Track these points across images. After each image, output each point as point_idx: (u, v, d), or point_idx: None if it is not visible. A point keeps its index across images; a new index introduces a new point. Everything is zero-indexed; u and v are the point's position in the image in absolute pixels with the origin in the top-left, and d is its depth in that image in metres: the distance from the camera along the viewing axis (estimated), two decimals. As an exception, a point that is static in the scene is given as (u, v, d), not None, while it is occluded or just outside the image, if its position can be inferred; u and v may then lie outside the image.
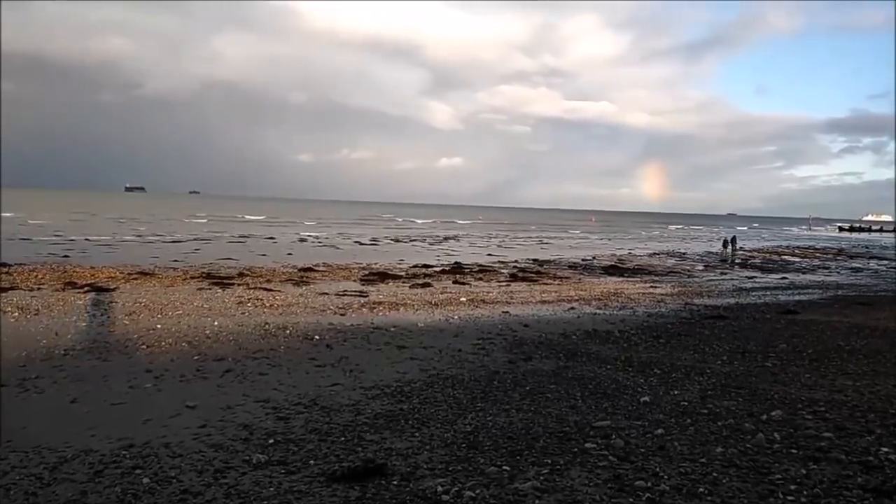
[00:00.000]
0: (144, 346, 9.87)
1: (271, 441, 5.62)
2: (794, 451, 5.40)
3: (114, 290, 16.46)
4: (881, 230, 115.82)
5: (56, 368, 8.34)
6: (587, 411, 6.65)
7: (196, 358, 9.16)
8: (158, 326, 11.62)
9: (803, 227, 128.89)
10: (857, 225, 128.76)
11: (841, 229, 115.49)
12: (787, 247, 52.40)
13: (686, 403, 6.97)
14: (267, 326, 11.81)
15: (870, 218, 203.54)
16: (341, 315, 13.55)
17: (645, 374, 8.45)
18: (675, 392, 7.50)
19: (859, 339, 11.64)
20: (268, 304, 14.77)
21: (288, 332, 11.36)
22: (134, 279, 18.84)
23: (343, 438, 5.70)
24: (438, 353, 9.84)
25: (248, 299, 15.45)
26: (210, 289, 17.31)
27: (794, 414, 6.55)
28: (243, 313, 13.45)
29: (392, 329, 11.90)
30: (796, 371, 8.84)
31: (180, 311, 13.38)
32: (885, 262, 38.72)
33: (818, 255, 42.81)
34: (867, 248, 55.69)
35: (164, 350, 9.69)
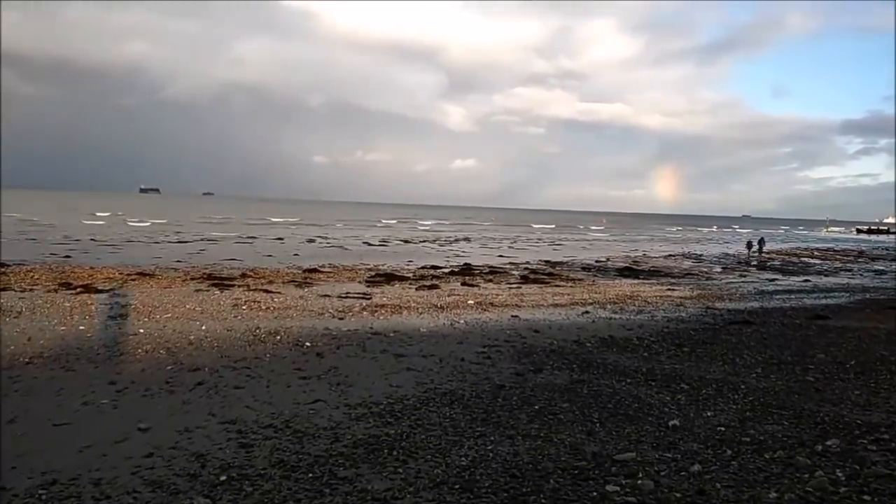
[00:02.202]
0: (118, 354, 9.00)
1: (224, 477, 4.65)
2: (866, 497, 4.35)
3: (108, 291, 15.71)
4: None
5: (11, 380, 7.47)
6: (607, 439, 5.64)
7: (170, 368, 8.27)
8: (141, 331, 10.79)
9: (840, 228, 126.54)
10: (876, 227, 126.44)
11: (859, 231, 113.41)
12: (806, 248, 51.05)
13: (723, 429, 5.94)
14: (257, 331, 10.94)
15: (891, 220, 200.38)
16: (339, 319, 12.66)
17: (671, 391, 7.43)
18: (709, 413, 6.47)
19: (903, 348, 10.57)
20: (264, 307, 13.93)
21: (278, 337, 10.47)
22: (132, 280, 18.16)
23: (311, 475, 4.71)
24: (438, 362, 8.89)
25: (245, 301, 14.63)
26: (208, 290, 16.54)
27: (854, 443, 5.50)
28: (236, 317, 12.60)
29: (391, 334, 10.98)
30: (842, 387, 7.80)
31: (169, 315, 12.56)
32: (910, 264, 37.37)
33: (838, 256, 41.50)
34: (887, 250, 54.17)
35: (137, 358, 8.81)
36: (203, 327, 11.31)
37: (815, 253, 44.84)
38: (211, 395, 6.92)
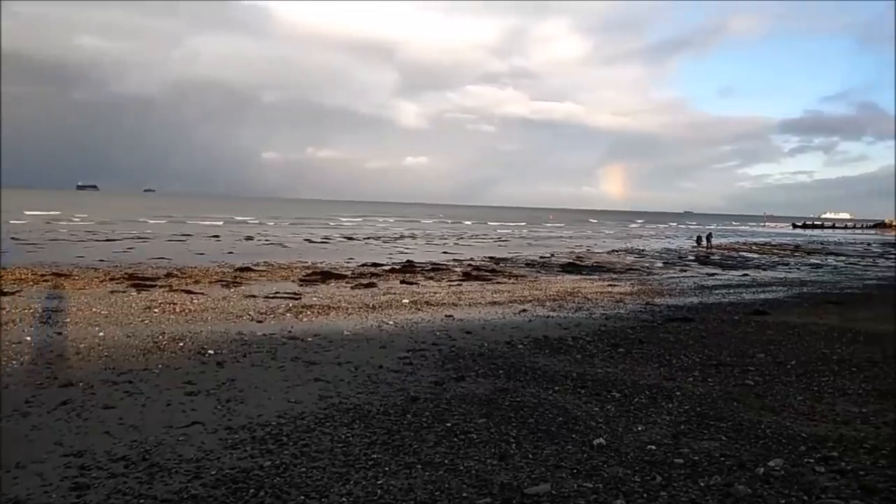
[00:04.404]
0: (-16, 368, 7.84)
1: (28, 537, 3.70)
2: (815, 537, 3.69)
3: (12, 294, 14.36)
4: (833, 227, 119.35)
5: None
6: (521, 464, 4.83)
7: (39, 383, 7.18)
8: (28, 339, 9.63)
9: (787, 224, 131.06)
10: (811, 222, 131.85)
11: (795, 226, 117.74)
12: (745, 243, 52.01)
13: (654, 447, 5.21)
14: (160, 338, 9.88)
15: (829, 216, 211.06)
16: (258, 322, 11.67)
17: (601, 400, 6.72)
18: (639, 428, 5.76)
19: (844, 345, 10.21)
20: (178, 310, 12.80)
21: (181, 345, 9.44)
22: (45, 281, 16.77)
23: (143, 529, 3.81)
24: (353, 371, 8.02)
25: (160, 303, 13.48)
26: (124, 292, 15.30)
27: (800, 463, 4.84)
28: (143, 321, 11.47)
29: (310, 339, 10.06)
30: (784, 391, 7.24)
31: (69, 320, 11.39)
32: (843, 257, 38.23)
33: (776, 251, 42.24)
34: (822, 244, 55.70)
35: (7, 372, 7.67)
36: (101, 333, 10.20)
37: (754, 247, 45.63)
38: (71, 418, 5.89)
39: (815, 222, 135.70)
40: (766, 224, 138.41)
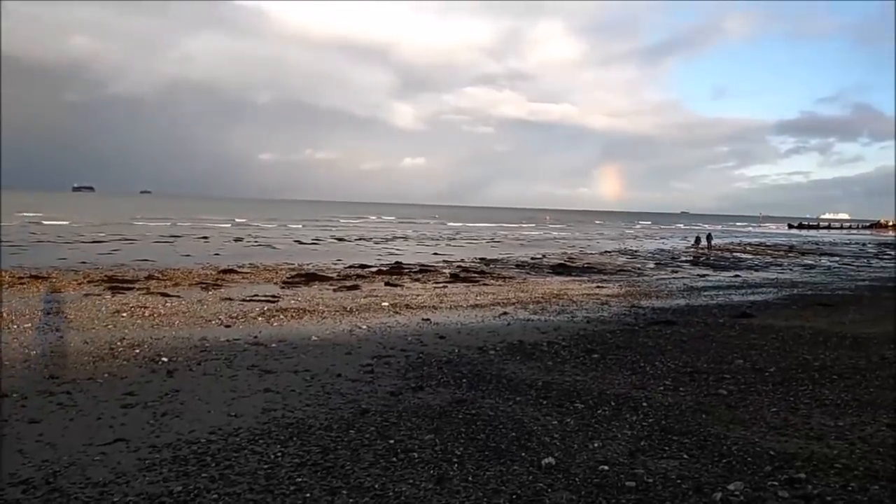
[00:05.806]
0: (-80, 378, 7.44)
1: None
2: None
3: (-18, 297, 13.96)
4: (829, 227, 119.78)
5: None
6: (458, 488, 4.41)
7: (-28, 395, 6.78)
8: (-21, 346, 9.22)
9: (776, 224, 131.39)
10: (808, 222, 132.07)
11: (791, 226, 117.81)
12: (739, 243, 51.62)
13: (607, 468, 4.78)
14: (118, 344, 9.51)
15: (827, 216, 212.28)
16: (226, 327, 11.28)
17: (561, 412, 6.29)
18: (596, 444, 5.33)
19: (828, 350, 9.81)
20: (147, 314, 12.42)
21: (137, 351, 9.05)
22: (21, 284, 16.40)
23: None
24: (309, 380, 7.61)
25: (131, 307, 13.10)
26: (99, 295, 14.92)
27: (762, 487, 4.41)
28: (107, 326, 11.08)
29: (273, 345, 9.67)
30: (758, 401, 6.82)
31: (30, 324, 11.03)
32: (837, 258, 37.85)
33: (769, 251, 41.87)
34: (817, 244, 55.34)
35: (-57, 383, 7.28)
36: (60, 339, 9.83)
37: (748, 248, 45.25)
38: (-12, 435, 5.49)
39: (812, 223, 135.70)
40: (763, 224, 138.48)
